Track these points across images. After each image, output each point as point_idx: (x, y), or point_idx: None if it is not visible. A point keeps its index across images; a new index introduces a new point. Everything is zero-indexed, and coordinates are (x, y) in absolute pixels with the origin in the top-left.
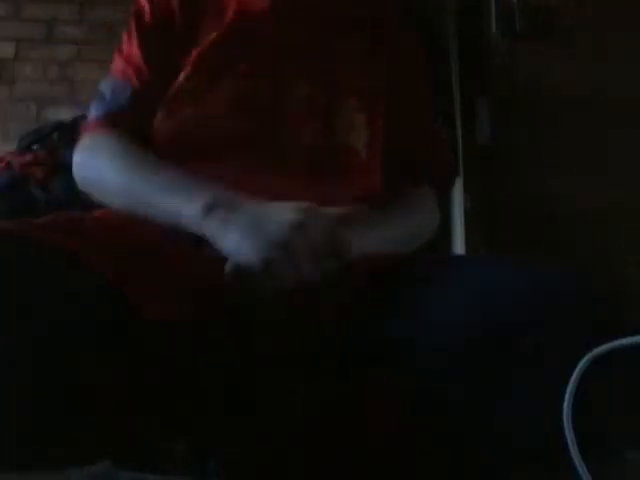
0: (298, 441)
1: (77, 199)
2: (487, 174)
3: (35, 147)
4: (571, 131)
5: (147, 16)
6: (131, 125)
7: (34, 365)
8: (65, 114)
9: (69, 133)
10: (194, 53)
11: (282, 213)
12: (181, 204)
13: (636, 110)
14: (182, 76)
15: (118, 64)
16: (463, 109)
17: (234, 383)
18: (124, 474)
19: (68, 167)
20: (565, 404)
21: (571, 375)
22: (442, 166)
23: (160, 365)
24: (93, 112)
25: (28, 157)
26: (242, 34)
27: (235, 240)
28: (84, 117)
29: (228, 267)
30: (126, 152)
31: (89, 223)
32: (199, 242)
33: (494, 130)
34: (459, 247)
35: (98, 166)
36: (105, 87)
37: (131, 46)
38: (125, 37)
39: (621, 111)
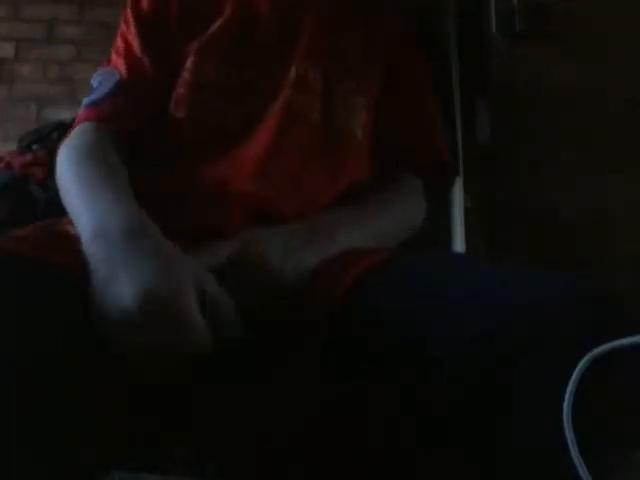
0: (298, 441)
1: None
2: (487, 174)
3: (35, 147)
4: (571, 131)
5: (144, 4)
6: (112, 114)
7: (34, 365)
8: (65, 114)
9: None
10: (197, 41)
11: (131, 279)
12: (81, 215)
13: (636, 110)
14: (189, 63)
15: (112, 56)
16: (463, 109)
17: (234, 383)
18: (124, 474)
19: None
20: (565, 404)
21: (571, 375)
22: (442, 165)
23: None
24: (83, 104)
25: (28, 157)
26: (243, 22)
27: (97, 289)
28: None
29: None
30: (88, 150)
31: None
32: None
33: (494, 130)
34: (459, 247)
35: (60, 166)
36: (95, 79)
37: (128, 35)
38: (122, 28)
39: (621, 111)
